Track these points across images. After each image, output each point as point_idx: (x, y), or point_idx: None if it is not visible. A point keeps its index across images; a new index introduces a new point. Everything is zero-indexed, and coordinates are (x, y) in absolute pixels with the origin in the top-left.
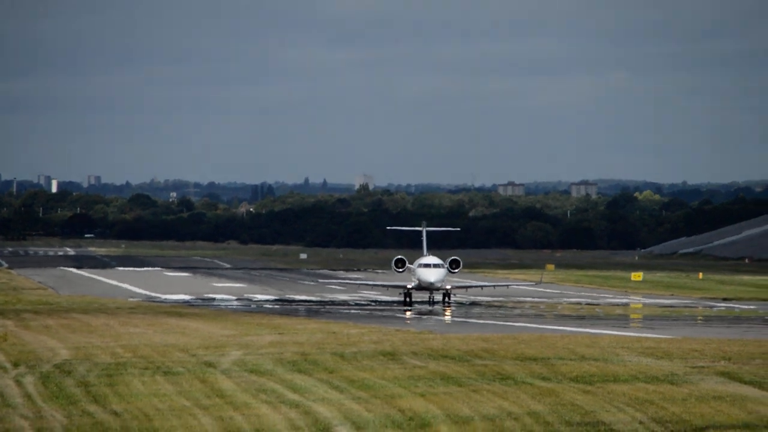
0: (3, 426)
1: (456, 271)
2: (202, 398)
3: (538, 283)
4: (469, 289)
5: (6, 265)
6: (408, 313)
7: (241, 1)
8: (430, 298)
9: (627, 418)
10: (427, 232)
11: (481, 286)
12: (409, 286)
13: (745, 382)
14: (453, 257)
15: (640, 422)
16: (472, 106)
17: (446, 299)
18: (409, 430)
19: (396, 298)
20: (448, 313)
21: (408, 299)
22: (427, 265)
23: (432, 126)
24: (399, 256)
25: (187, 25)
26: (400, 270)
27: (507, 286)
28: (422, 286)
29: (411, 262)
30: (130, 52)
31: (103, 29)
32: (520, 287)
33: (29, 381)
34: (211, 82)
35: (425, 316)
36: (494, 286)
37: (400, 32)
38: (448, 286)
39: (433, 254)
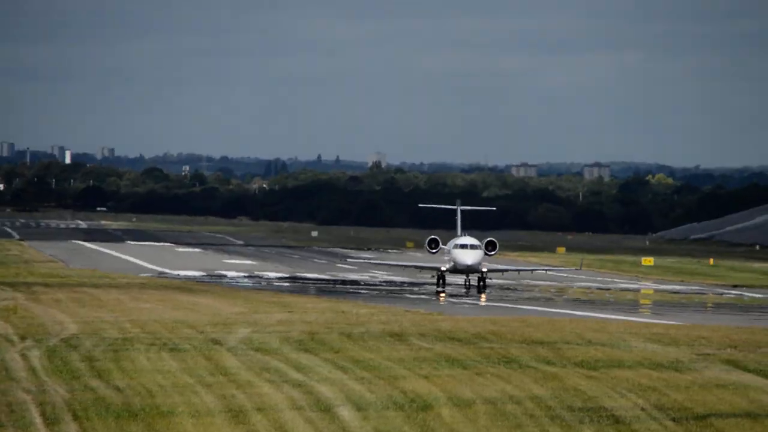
0: (5, 399)
1: (493, 253)
2: (205, 375)
3: (578, 269)
4: (505, 273)
5: (18, 236)
6: (442, 296)
7: None
8: (466, 281)
9: (629, 404)
10: (462, 211)
11: (519, 270)
12: (443, 268)
13: (750, 371)
14: (489, 238)
15: (642, 409)
16: (486, 84)
17: (482, 283)
18: (410, 411)
19: (407, 279)
20: (483, 297)
21: (441, 282)
22: (463, 246)
23: (446, 104)
24: (432, 236)
25: None
26: (434, 251)
27: (546, 270)
28: (458, 269)
29: (444, 243)
30: (146, 24)
31: (120, 0)
32: (557, 273)
33: (35, 355)
34: (227, 54)
35: (459, 300)
36: (532, 270)
37: (417, 7)
38: (485, 269)
39: (439, 234)
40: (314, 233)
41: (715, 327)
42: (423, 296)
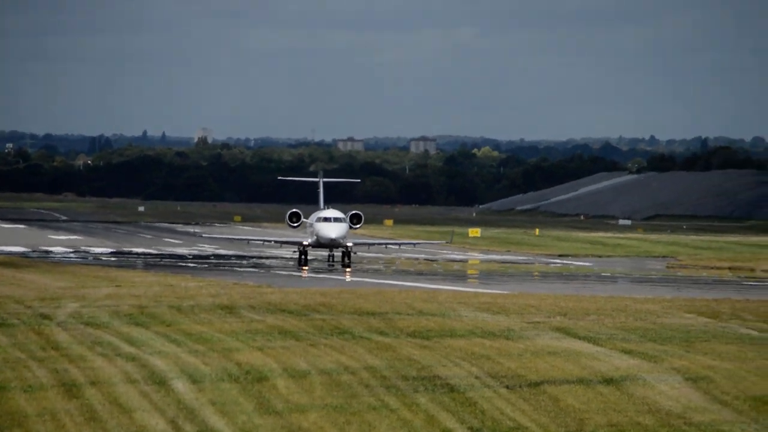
0: None
1: (358, 226)
2: (37, 350)
3: (447, 243)
4: (371, 247)
5: None
6: (304, 271)
7: None
8: (329, 256)
9: (463, 372)
10: (326, 182)
11: (386, 244)
12: (305, 243)
13: (580, 338)
14: (354, 211)
15: (476, 377)
16: (312, 60)
17: (346, 258)
18: (245, 383)
19: (235, 252)
20: (348, 272)
21: (304, 257)
22: (327, 219)
23: (271, 80)
24: (294, 210)
25: None
26: (295, 225)
27: (414, 244)
28: (321, 243)
29: (305, 217)
30: None
31: None
32: (424, 247)
33: None
34: (49, 31)
35: (323, 276)
36: (399, 244)
37: None
38: (350, 243)
39: (266, 209)
40: (141, 209)
41: (543, 295)
42: (251, 269)
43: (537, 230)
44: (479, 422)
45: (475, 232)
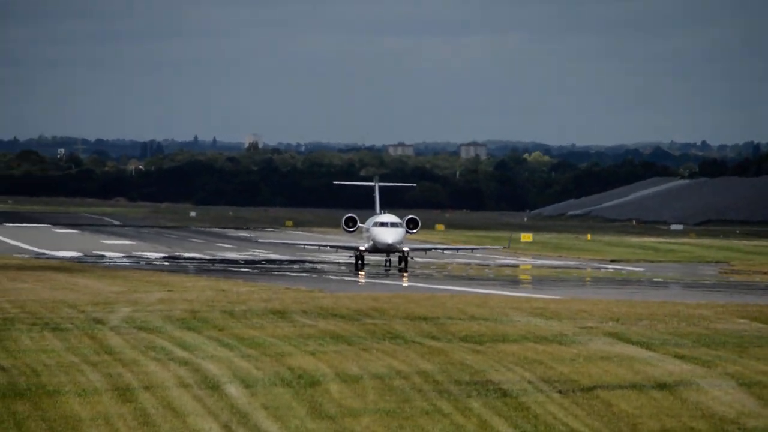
0: None
1: (414, 231)
2: (90, 354)
3: (505, 248)
4: (428, 252)
5: None
6: (361, 276)
7: None
8: (386, 261)
9: (516, 377)
10: (380, 187)
11: (443, 249)
12: (361, 248)
13: (633, 343)
14: (410, 216)
15: (529, 382)
16: (363, 65)
17: (403, 263)
18: (298, 388)
19: (286, 257)
20: (405, 277)
21: (360, 262)
22: (383, 224)
23: (322, 85)
24: (350, 215)
25: None
26: (351, 230)
27: (472, 249)
28: (378, 248)
29: (362, 222)
30: (23, 5)
31: None
32: (483, 252)
33: None
34: (101, 37)
35: (379, 281)
36: (457, 249)
37: None
38: (406, 248)
39: (317, 214)
40: (193, 213)
41: (596, 300)
42: (303, 274)
43: (588, 235)
44: (532, 427)
45: (527, 237)
